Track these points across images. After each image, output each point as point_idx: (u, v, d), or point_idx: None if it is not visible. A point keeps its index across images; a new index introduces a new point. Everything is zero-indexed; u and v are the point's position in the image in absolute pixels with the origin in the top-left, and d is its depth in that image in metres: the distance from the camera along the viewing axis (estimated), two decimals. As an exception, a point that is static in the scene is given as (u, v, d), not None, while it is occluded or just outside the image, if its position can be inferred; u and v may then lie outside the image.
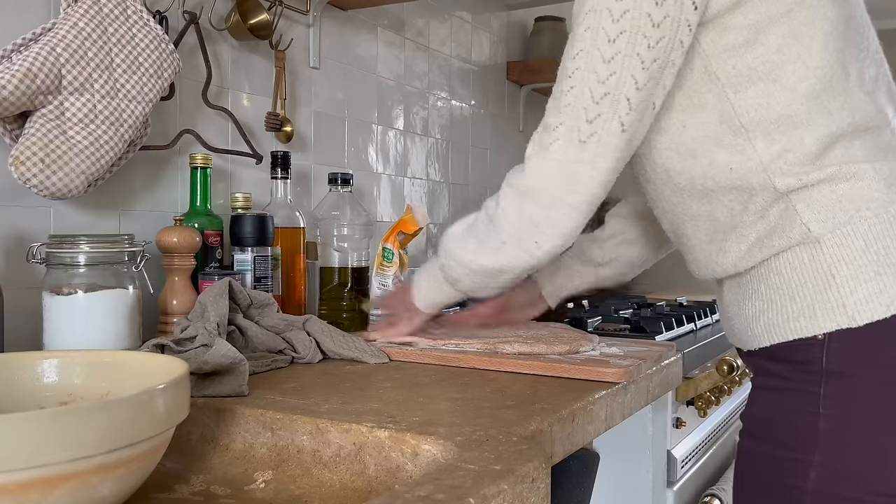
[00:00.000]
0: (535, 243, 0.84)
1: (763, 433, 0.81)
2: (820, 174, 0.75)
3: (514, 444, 0.58)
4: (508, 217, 0.85)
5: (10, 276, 0.99)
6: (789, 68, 0.75)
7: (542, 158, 0.81)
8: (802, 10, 0.75)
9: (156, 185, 1.21)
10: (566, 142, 0.78)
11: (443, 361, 0.96)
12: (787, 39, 0.74)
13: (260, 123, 1.40)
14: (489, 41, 2.18)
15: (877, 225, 0.74)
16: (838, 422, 0.74)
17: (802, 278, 0.76)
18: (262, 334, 0.96)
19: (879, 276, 0.72)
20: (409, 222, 1.33)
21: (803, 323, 0.75)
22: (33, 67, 0.95)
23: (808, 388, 0.76)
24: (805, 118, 0.75)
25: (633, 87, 0.75)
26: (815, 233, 0.75)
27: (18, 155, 0.94)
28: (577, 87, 0.76)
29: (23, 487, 0.44)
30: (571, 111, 0.77)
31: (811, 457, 0.75)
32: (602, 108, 0.76)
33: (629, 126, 0.77)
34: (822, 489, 0.74)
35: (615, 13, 0.73)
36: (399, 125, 1.80)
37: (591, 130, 0.77)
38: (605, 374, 0.87)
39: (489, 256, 0.88)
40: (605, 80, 0.75)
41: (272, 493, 0.62)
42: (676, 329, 1.33)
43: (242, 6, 1.30)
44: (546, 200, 0.81)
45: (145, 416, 0.49)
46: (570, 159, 0.78)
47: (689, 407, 1.26)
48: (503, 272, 0.89)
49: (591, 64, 0.75)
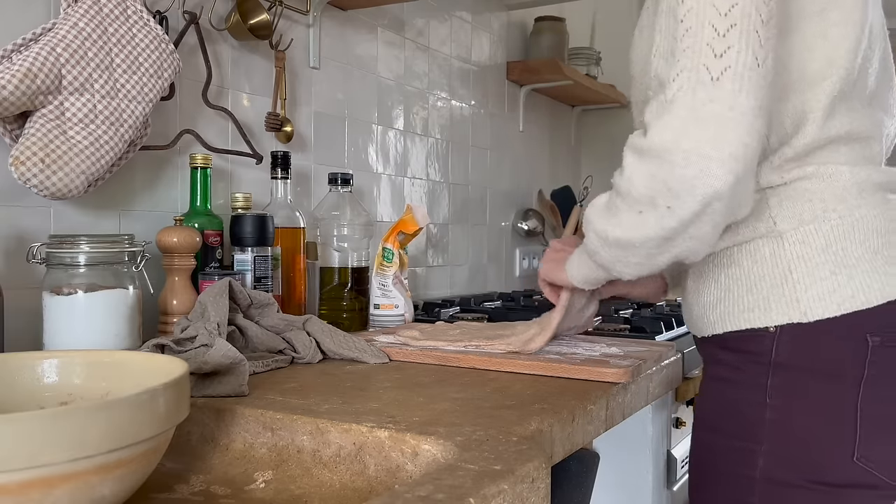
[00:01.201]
0: (668, 208, 0.69)
1: (715, 424, 0.84)
2: (800, 172, 0.77)
3: (514, 444, 0.58)
4: (635, 183, 0.72)
5: (10, 276, 0.99)
6: (815, 66, 0.75)
7: (666, 111, 0.68)
8: (836, 11, 0.75)
9: (156, 185, 1.21)
10: (693, 85, 0.67)
11: (443, 361, 0.96)
12: (816, 38, 0.75)
13: (260, 123, 1.40)
14: (489, 41, 2.18)
15: (840, 226, 0.76)
16: (784, 413, 0.76)
17: (762, 271, 0.78)
18: (262, 334, 0.96)
19: (835, 275, 0.75)
20: (409, 222, 1.33)
21: (757, 314, 0.78)
22: (33, 67, 0.95)
23: (757, 378, 0.78)
24: (814, 116, 0.76)
25: (759, 20, 0.67)
26: (780, 227, 0.77)
27: (18, 155, 0.94)
28: (695, 27, 0.67)
29: (23, 487, 0.44)
30: (692, 53, 0.67)
31: (759, 446, 0.78)
32: (731, 40, 0.66)
33: (763, 61, 0.67)
34: (767, 476, 0.77)
35: None
36: (399, 125, 1.80)
37: (724, 65, 0.66)
38: (605, 374, 0.87)
39: (617, 226, 0.75)
40: (727, 13, 0.66)
41: (272, 493, 0.62)
42: (676, 329, 1.33)
43: (242, 6, 1.30)
44: (678, 157, 0.67)
45: (145, 416, 0.49)
46: (703, 100, 0.66)
47: (689, 407, 1.26)
48: (633, 246, 0.75)
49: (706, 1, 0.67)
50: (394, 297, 1.30)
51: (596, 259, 0.82)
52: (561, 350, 0.99)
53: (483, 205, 2.17)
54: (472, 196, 2.11)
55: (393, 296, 1.30)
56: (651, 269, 0.78)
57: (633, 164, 0.72)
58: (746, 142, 0.66)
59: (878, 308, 0.74)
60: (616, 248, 0.77)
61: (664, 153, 0.68)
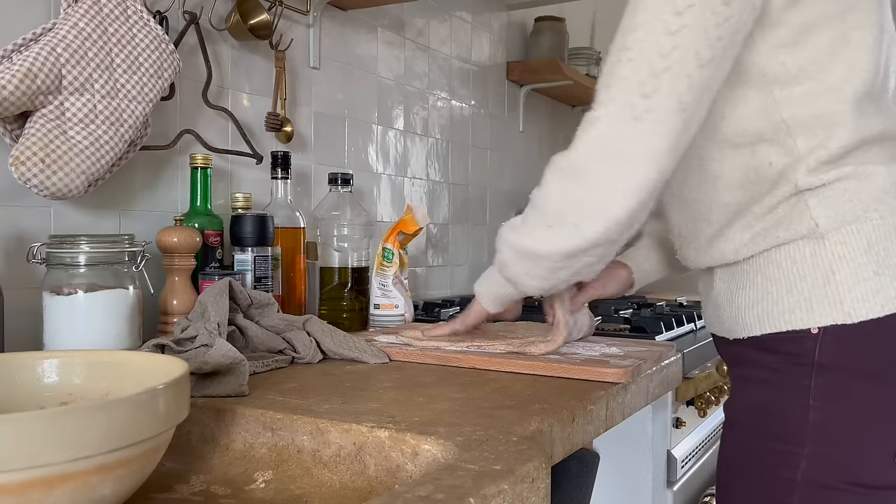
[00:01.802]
0: (575, 226, 0.76)
1: (751, 425, 0.82)
2: (838, 173, 0.76)
3: (514, 444, 0.58)
4: (550, 199, 0.78)
5: (11, 276, 0.99)
6: (837, 70, 0.75)
7: (587, 135, 0.74)
8: (854, 15, 0.75)
9: (156, 185, 1.21)
10: (617, 117, 0.72)
11: (443, 361, 0.96)
12: (836, 42, 0.75)
13: (260, 123, 1.40)
14: (489, 41, 2.18)
15: (881, 227, 0.75)
16: (827, 414, 0.76)
17: (802, 272, 0.77)
18: (262, 334, 0.96)
19: (878, 276, 0.74)
20: (409, 222, 1.33)
21: (799, 315, 0.77)
22: (33, 67, 0.95)
23: (799, 380, 0.77)
24: (843, 119, 0.76)
25: (695, 65, 0.70)
26: (822, 228, 0.76)
27: (18, 155, 0.94)
28: (636, 60, 0.71)
29: (23, 487, 0.44)
30: (626, 85, 0.71)
31: (801, 448, 0.77)
32: (661, 83, 0.70)
33: (688, 106, 0.71)
34: (810, 479, 0.76)
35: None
36: (399, 125, 1.80)
37: (648, 106, 0.71)
38: (605, 374, 0.87)
39: (528, 236, 0.81)
40: (667, 54, 0.70)
41: (272, 493, 0.62)
42: (676, 329, 1.33)
43: (242, 6, 1.30)
44: (591, 181, 0.74)
45: (145, 416, 0.49)
46: (620, 136, 0.72)
47: (689, 407, 1.26)
48: (540, 257, 0.81)
49: (653, 36, 0.71)
50: (394, 297, 1.30)
51: (505, 273, 0.87)
52: (561, 350, 0.99)
53: (483, 205, 2.17)
54: (472, 196, 2.11)
55: (393, 296, 1.30)
56: (552, 284, 0.84)
57: (552, 180, 0.79)
58: (652, 177, 0.72)
59: None
60: (525, 260, 0.83)
61: (579, 174, 0.75)
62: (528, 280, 0.85)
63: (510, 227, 0.86)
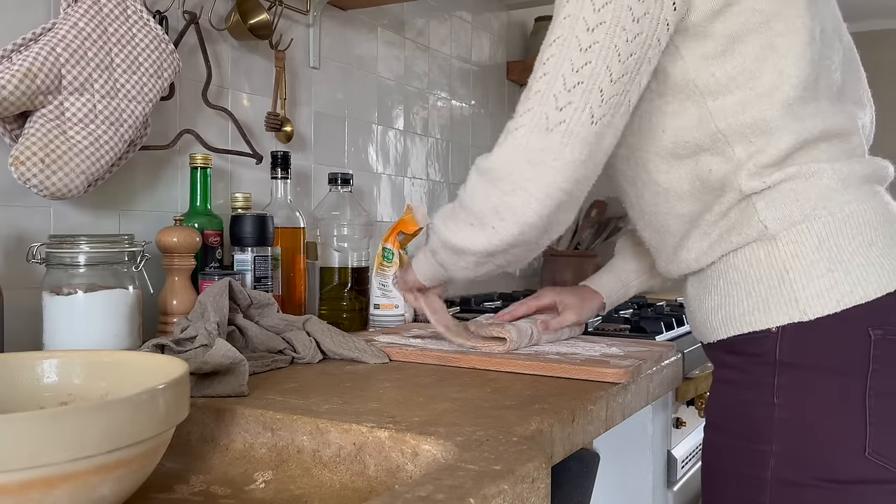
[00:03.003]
0: (493, 228, 0.80)
1: (723, 425, 0.84)
2: (782, 174, 0.78)
3: (514, 444, 0.58)
4: (473, 199, 0.82)
5: (10, 276, 0.99)
6: (766, 77, 0.77)
7: (507, 142, 0.78)
8: (780, 22, 0.77)
9: (156, 185, 1.21)
10: (532, 128, 0.75)
11: (443, 361, 0.96)
12: (764, 50, 0.77)
13: (260, 123, 1.40)
14: (489, 41, 2.18)
15: (831, 223, 0.76)
16: (792, 411, 0.77)
17: (758, 274, 0.79)
18: (262, 334, 0.96)
19: (831, 272, 0.75)
20: (409, 222, 1.33)
21: (758, 316, 0.79)
22: (33, 67, 0.95)
23: (763, 379, 0.79)
24: (778, 124, 0.77)
25: (607, 79, 0.73)
26: (771, 230, 0.78)
27: (18, 155, 0.94)
28: (550, 74, 0.75)
29: (23, 487, 0.44)
30: (541, 98, 0.75)
31: (769, 446, 0.78)
32: (573, 96, 0.74)
33: (599, 119, 0.74)
34: (779, 477, 0.77)
35: (597, 3, 0.73)
36: (399, 125, 1.80)
37: (560, 119, 0.74)
38: (605, 375, 0.87)
39: (454, 233, 0.85)
40: (579, 69, 0.73)
41: (272, 493, 0.62)
42: (676, 329, 1.33)
43: (242, 6, 1.30)
44: (507, 186, 0.77)
45: (145, 416, 0.49)
46: (534, 147, 0.75)
47: (689, 407, 1.26)
48: (464, 252, 0.85)
49: (566, 52, 0.74)
50: (394, 297, 1.30)
51: (436, 258, 0.92)
52: (561, 350, 1.00)
53: (483, 205, 2.17)
54: (472, 196, 2.11)
55: (393, 296, 1.30)
56: (477, 273, 0.89)
57: (475, 181, 0.81)
58: (563, 187, 0.75)
59: (877, 301, 0.74)
60: (451, 252, 0.87)
61: (497, 179, 0.78)
62: (454, 269, 0.90)
63: (441, 218, 0.89)
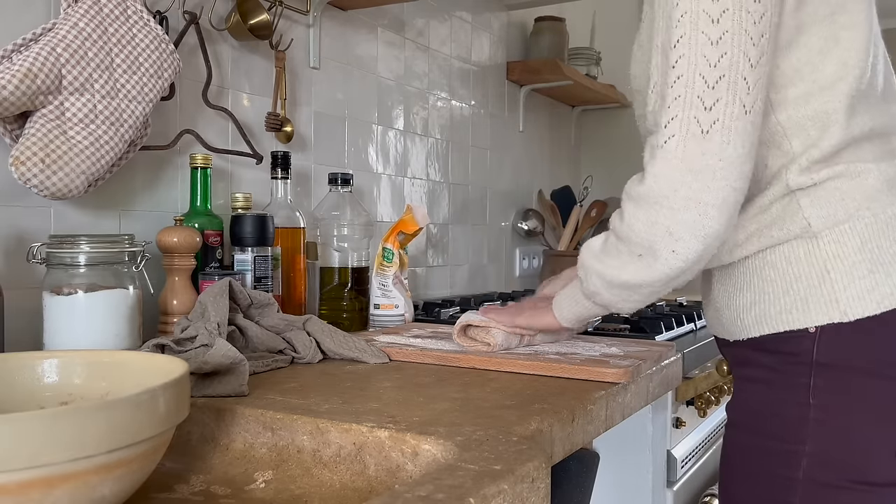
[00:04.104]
0: (673, 252, 0.75)
1: (752, 424, 0.83)
2: (829, 172, 0.77)
3: (514, 444, 0.58)
4: (633, 229, 0.77)
5: (11, 276, 0.99)
6: (829, 70, 0.76)
7: (657, 159, 0.74)
8: (844, 15, 0.76)
9: (156, 185, 1.21)
10: (684, 135, 0.72)
11: (443, 361, 0.96)
12: (828, 42, 0.76)
13: (260, 123, 1.40)
14: (489, 41, 2.18)
15: (874, 224, 0.76)
16: (827, 412, 0.76)
17: (797, 272, 0.78)
18: (262, 334, 0.96)
19: (872, 273, 0.75)
20: (409, 222, 1.33)
21: (796, 315, 0.77)
22: (33, 67, 0.95)
23: (798, 379, 0.78)
24: (837, 117, 0.76)
25: (747, 66, 0.71)
26: (814, 228, 0.77)
27: (18, 155, 0.94)
28: (686, 76, 0.72)
29: (23, 487, 0.44)
30: (684, 102, 0.72)
31: (802, 447, 0.77)
32: (719, 92, 0.70)
33: (751, 107, 0.71)
34: (811, 478, 0.77)
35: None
36: (399, 125, 1.80)
37: (713, 118, 0.71)
38: (605, 374, 0.87)
39: (621, 270, 0.80)
40: (716, 63, 0.70)
41: (272, 493, 0.62)
42: (676, 329, 1.33)
43: (242, 6, 1.30)
44: (676, 204, 0.73)
45: (145, 416, 0.49)
46: (693, 153, 0.71)
47: (689, 407, 1.26)
48: (640, 286, 0.80)
49: (697, 49, 0.71)
50: (394, 297, 1.30)
51: (596, 300, 0.87)
52: (561, 350, 1.00)
53: (483, 205, 2.17)
54: (472, 196, 2.11)
55: (393, 296, 1.30)
56: (649, 301, 0.84)
57: (632, 210, 0.77)
58: (736, 186, 0.72)
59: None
60: (622, 290, 0.82)
61: (663, 200, 0.73)
62: (624, 304, 0.85)
63: (594, 257, 0.84)
